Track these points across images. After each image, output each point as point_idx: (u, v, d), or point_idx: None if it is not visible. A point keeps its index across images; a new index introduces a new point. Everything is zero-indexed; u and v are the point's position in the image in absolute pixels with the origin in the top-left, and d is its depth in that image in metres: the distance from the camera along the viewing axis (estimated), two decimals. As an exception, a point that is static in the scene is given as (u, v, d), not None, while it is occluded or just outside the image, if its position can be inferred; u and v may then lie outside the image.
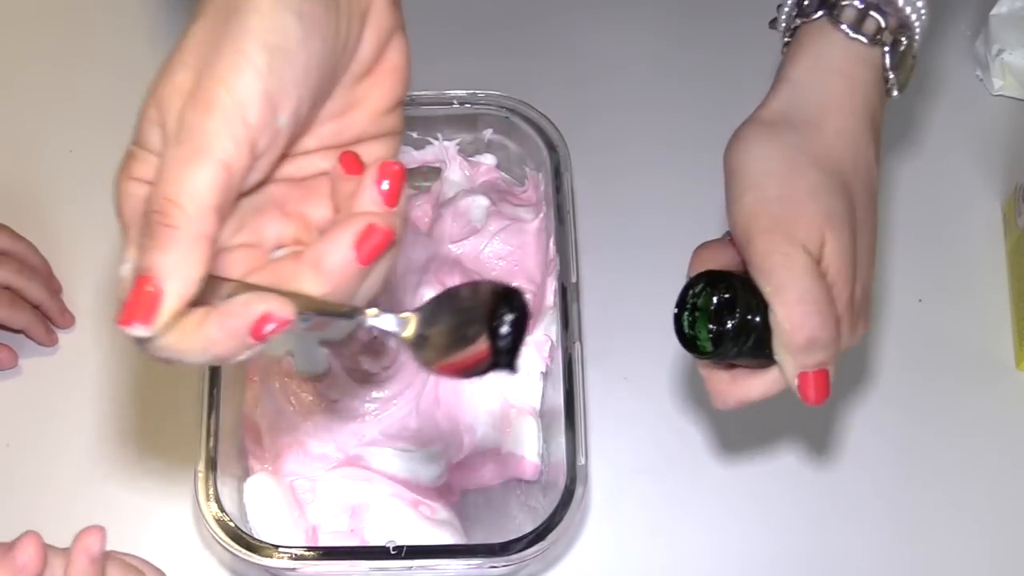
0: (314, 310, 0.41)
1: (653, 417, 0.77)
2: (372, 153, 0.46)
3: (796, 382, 0.54)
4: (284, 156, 0.44)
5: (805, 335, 0.52)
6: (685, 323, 0.55)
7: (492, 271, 0.77)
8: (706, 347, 0.55)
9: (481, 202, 0.78)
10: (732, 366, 0.57)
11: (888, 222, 0.82)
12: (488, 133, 0.78)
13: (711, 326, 0.55)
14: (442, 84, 0.76)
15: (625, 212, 0.83)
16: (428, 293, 0.73)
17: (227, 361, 0.41)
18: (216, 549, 0.72)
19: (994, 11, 0.86)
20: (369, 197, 0.42)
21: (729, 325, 0.53)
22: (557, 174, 0.73)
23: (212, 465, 0.65)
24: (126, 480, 0.74)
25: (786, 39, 0.58)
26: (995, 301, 0.80)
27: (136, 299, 0.39)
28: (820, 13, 0.56)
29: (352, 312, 0.42)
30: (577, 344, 0.68)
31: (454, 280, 0.74)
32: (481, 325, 0.43)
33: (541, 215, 0.77)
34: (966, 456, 0.76)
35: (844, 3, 0.55)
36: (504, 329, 0.43)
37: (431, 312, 0.44)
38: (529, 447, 0.72)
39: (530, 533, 0.64)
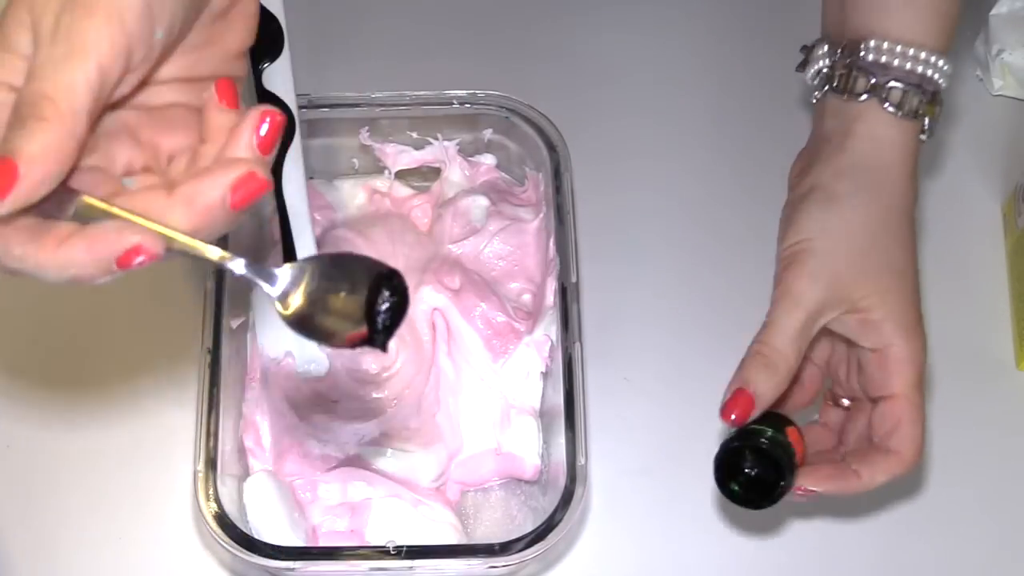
0: (182, 248, 0.42)
1: (653, 417, 0.77)
2: None
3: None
4: (142, 82, 0.44)
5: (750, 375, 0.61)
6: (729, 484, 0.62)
7: (492, 271, 0.77)
8: (740, 499, 0.62)
9: (481, 202, 0.78)
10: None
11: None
12: (488, 133, 0.78)
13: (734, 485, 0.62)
14: (442, 84, 0.76)
15: (625, 212, 0.83)
16: (428, 293, 0.73)
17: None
18: (216, 549, 0.72)
19: (994, 11, 0.86)
20: (245, 142, 0.43)
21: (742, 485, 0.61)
22: (557, 174, 0.73)
23: (212, 465, 0.65)
24: (126, 479, 0.74)
25: (816, 95, 0.66)
26: (995, 301, 0.80)
27: None
28: (866, 96, 0.63)
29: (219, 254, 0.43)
30: (577, 344, 0.68)
31: (454, 280, 0.74)
32: (360, 299, 0.44)
33: (541, 215, 0.77)
34: (966, 456, 0.76)
35: (889, 85, 0.62)
36: (384, 306, 0.44)
37: (308, 273, 0.44)
38: (529, 447, 0.72)
39: (530, 533, 0.64)
